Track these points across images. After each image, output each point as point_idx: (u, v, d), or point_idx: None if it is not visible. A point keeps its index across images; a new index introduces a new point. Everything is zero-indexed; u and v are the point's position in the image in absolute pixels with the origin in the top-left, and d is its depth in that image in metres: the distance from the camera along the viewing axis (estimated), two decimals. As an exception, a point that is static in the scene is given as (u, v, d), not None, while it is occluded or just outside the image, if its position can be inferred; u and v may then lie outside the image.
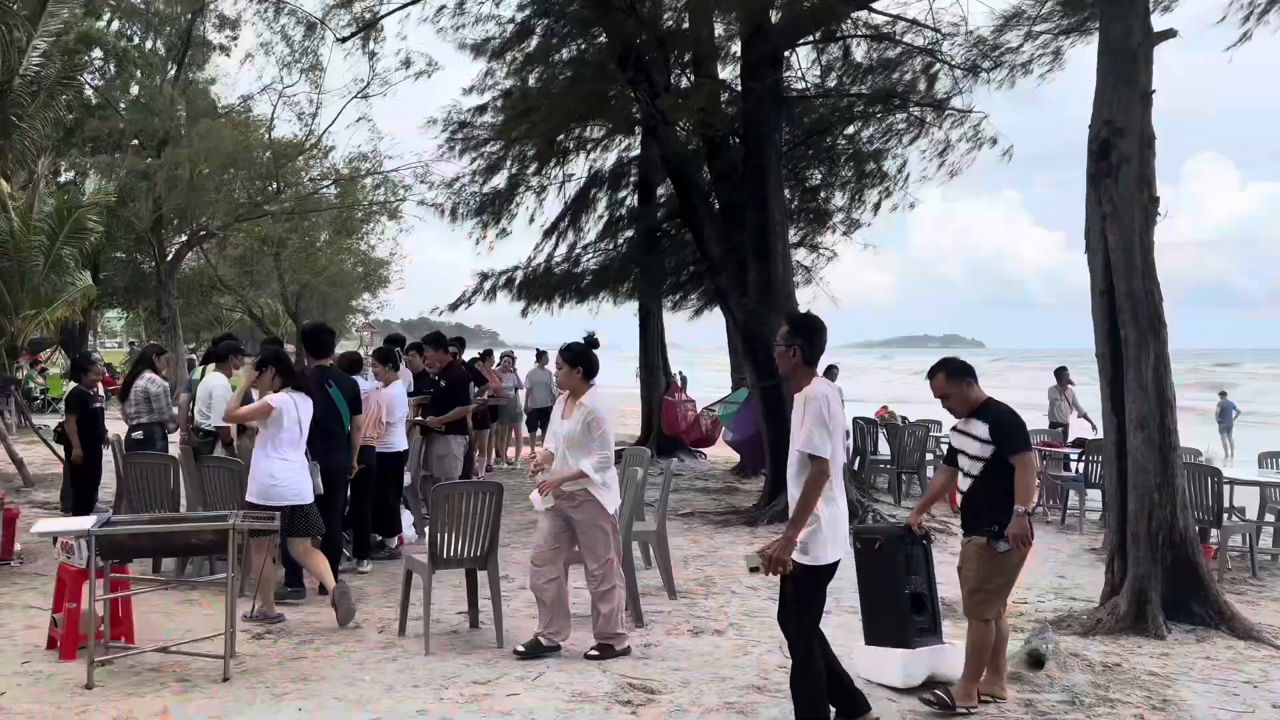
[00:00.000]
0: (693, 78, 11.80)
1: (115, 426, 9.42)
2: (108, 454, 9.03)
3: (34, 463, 12.39)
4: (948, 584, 5.60)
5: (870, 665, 5.24)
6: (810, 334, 4.34)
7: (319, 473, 6.70)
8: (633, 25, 10.50)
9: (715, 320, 15.66)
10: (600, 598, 5.62)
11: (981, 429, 4.87)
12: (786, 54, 11.34)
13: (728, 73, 12.61)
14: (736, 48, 12.37)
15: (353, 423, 7.29)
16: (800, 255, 13.80)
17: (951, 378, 5.00)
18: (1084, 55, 8.46)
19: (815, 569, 4.21)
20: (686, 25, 11.21)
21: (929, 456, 12.42)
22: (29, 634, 5.89)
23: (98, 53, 24.29)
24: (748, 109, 10.83)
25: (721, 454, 15.74)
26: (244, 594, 6.11)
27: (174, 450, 8.59)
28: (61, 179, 23.95)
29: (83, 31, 20.71)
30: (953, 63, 11.05)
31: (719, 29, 11.50)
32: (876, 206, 13.43)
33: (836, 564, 4.30)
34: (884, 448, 13.41)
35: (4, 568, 7.58)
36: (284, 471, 6.17)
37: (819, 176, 13.66)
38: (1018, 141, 12.20)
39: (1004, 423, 4.86)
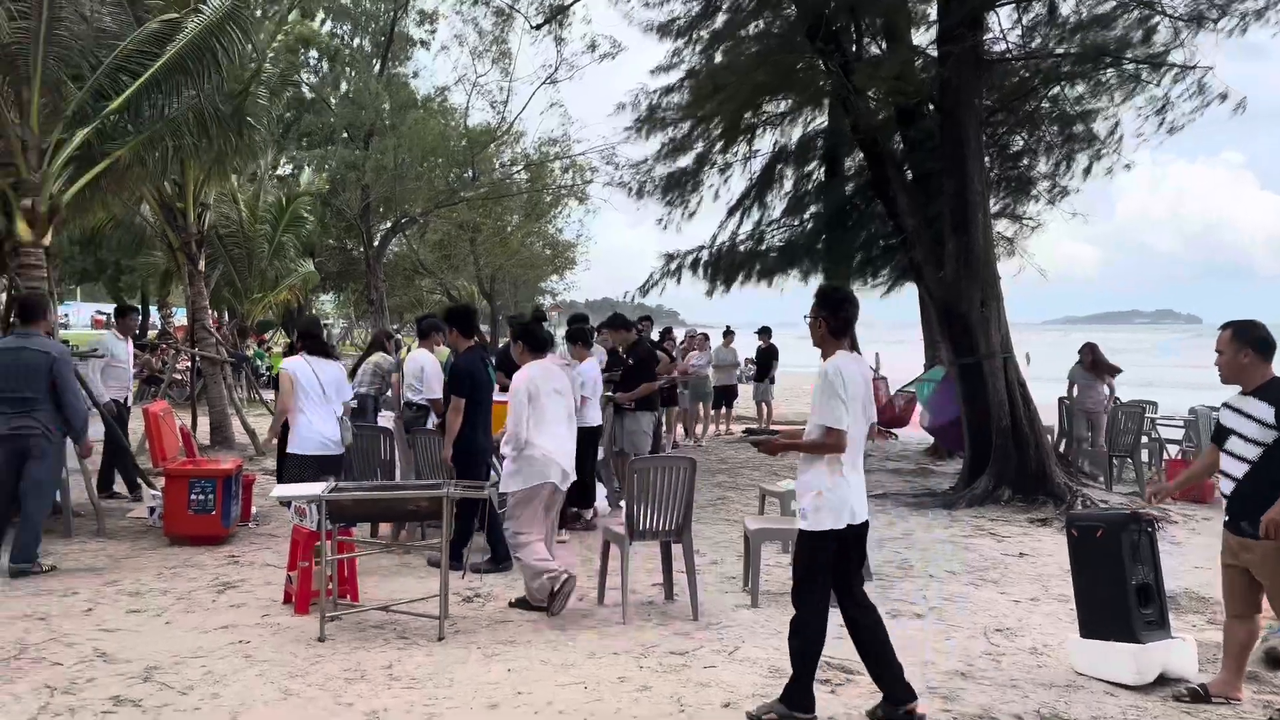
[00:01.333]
0: (885, 45, 11.40)
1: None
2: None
3: (262, 433, 13.51)
4: (1174, 574, 5.22)
5: (1091, 660, 4.94)
6: (834, 306, 4.42)
7: None
8: (822, -6, 10.25)
9: (899, 296, 15.20)
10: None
11: (1263, 410, 4.39)
12: (986, 15, 10.76)
13: (921, 38, 12.12)
14: (931, 12, 11.86)
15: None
16: (1001, 226, 13.07)
17: (1234, 340, 4.55)
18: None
19: (812, 534, 4.31)
20: (878, -8, 10.82)
21: (1144, 439, 11.63)
22: (267, 589, 6.44)
23: (313, 53, 26.05)
24: (944, 74, 10.36)
25: (914, 435, 15.26)
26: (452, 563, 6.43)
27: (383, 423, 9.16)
28: (280, 172, 25.89)
29: (300, 33, 22.26)
30: (1174, 13, 10.17)
31: (913, -7, 11.06)
32: (1086, 171, 12.54)
33: (837, 533, 4.30)
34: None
35: (244, 529, 8.32)
36: None
37: (1021, 142, 12.90)
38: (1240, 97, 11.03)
39: None
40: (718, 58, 12.90)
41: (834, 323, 4.41)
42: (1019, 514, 9.44)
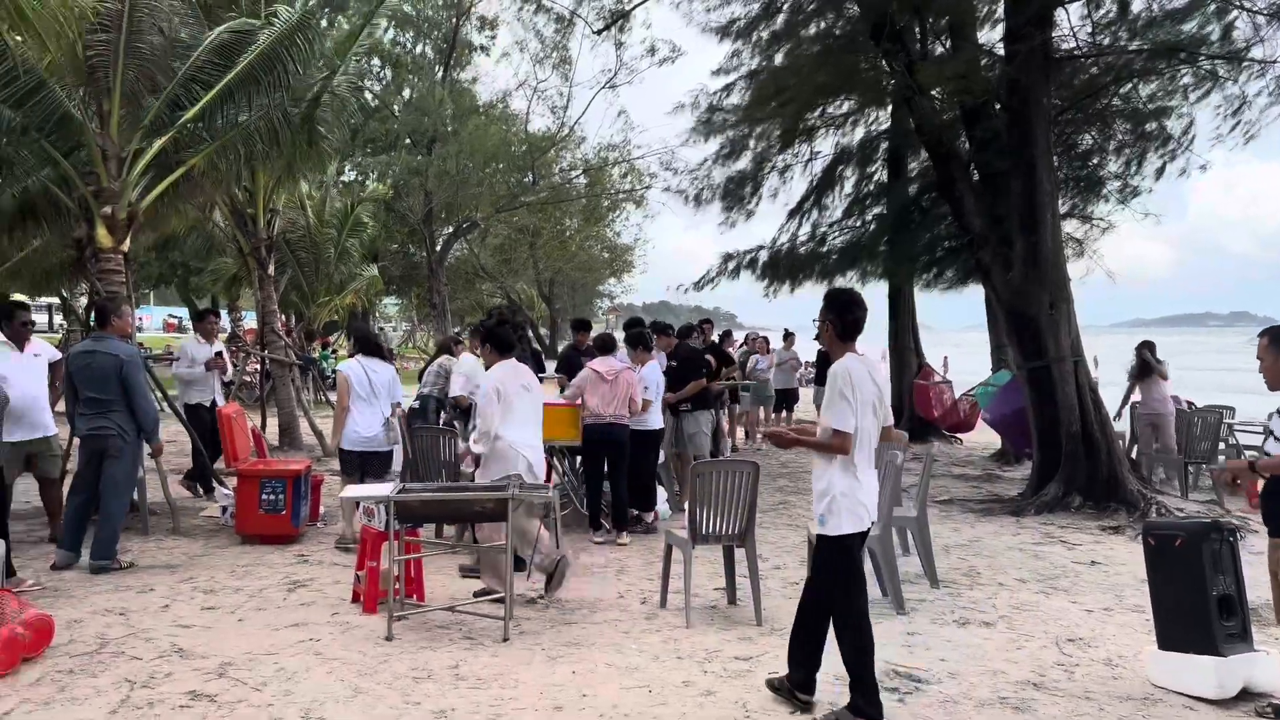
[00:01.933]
0: (950, 44, 11.23)
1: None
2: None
3: (329, 433, 13.75)
4: (1256, 585, 5.06)
5: (1170, 672, 4.80)
6: (841, 309, 4.45)
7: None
8: (886, -7, 10.13)
9: (962, 298, 14.95)
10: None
11: None
12: (1054, 12, 10.54)
13: (987, 36, 11.91)
14: (998, 10, 11.65)
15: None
16: (1070, 226, 12.78)
17: (1272, 346, 4.58)
18: None
19: (832, 539, 4.35)
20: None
21: (1221, 445, 11.27)
22: (335, 589, 6.55)
23: (376, 60, 26.52)
24: (1012, 73, 10.17)
25: (980, 440, 15.00)
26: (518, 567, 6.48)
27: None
28: (345, 179, 26.39)
29: (365, 43, 22.61)
30: (1254, 8, 9.84)
31: (980, -9, 10.87)
32: (1159, 171, 12.21)
33: (857, 536, 4.36)
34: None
35: (312, 529, 8.48)
36: None
37: (1090, 141, 12.61)
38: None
39: None
40: (778, 59, 12.84)
41: (842, 325, 4.45)
42: (1090, 521, 9.21)
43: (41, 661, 4.99)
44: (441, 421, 9.43)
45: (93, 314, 7.98)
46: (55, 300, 26.54)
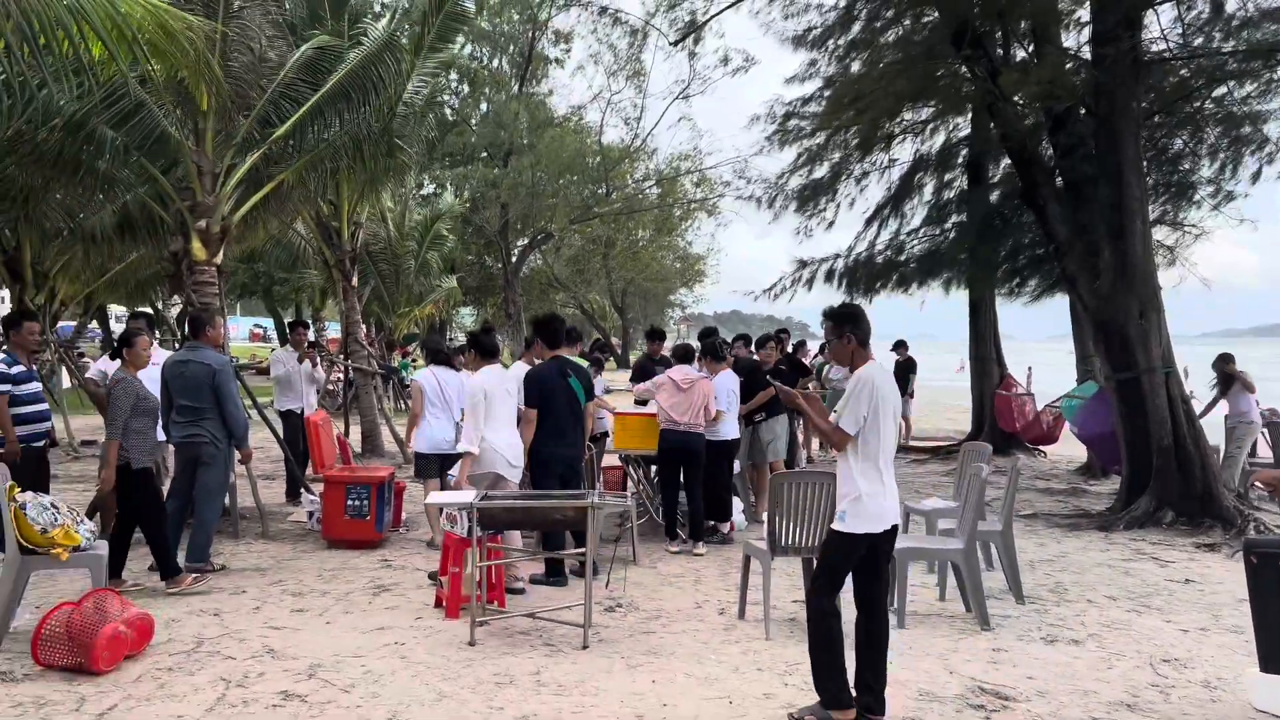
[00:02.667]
0: (1033, 49, 11.00)
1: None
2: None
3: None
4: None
5: (1273, 696, 4.60)
6: (855, 322, 4.60)
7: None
8: (967, -1, 9.98)
9: (1045, 308, 14.58)
10: None
11: None
12: (1143, 15, 10.26)
13: (1072, 40, 11.64)
14: (1083, 13, 11.38)
15: (585, 409, 7.41)
16: (1160, 234, 12.39)
17: None
18: None
19: (845, 535, 4.45)
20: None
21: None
22: (418, 593, 6.68)
23: (454, 75, 27.05)
24: (1099, 77, 9.92)
25: (1064, 453, 14.61)
26: (597, 572, 6.53)
27: None
28: (424, 191, 26.94)
29: (442, 58, 23.07)
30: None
31: (1065, -6, 10.63)
32: (1255, 175, 11.76)
33: (870, 537, 4.41)
34: (1263, 449, 11.81)
35: (395, 534, 8.66)
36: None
37: (1182, 145, 12.21)
38: None
39: None
40: (854, 67, 12.73)
41: (861, 335, 4.59)
42: (1183, 538, 8.90)
43: (143, 659, 5.19)
44: None
45: (186, 324, 8.27)
46: (149, 311, 27.61)
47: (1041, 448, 14.95)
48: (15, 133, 8.30)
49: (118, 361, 7.80)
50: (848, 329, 4.59)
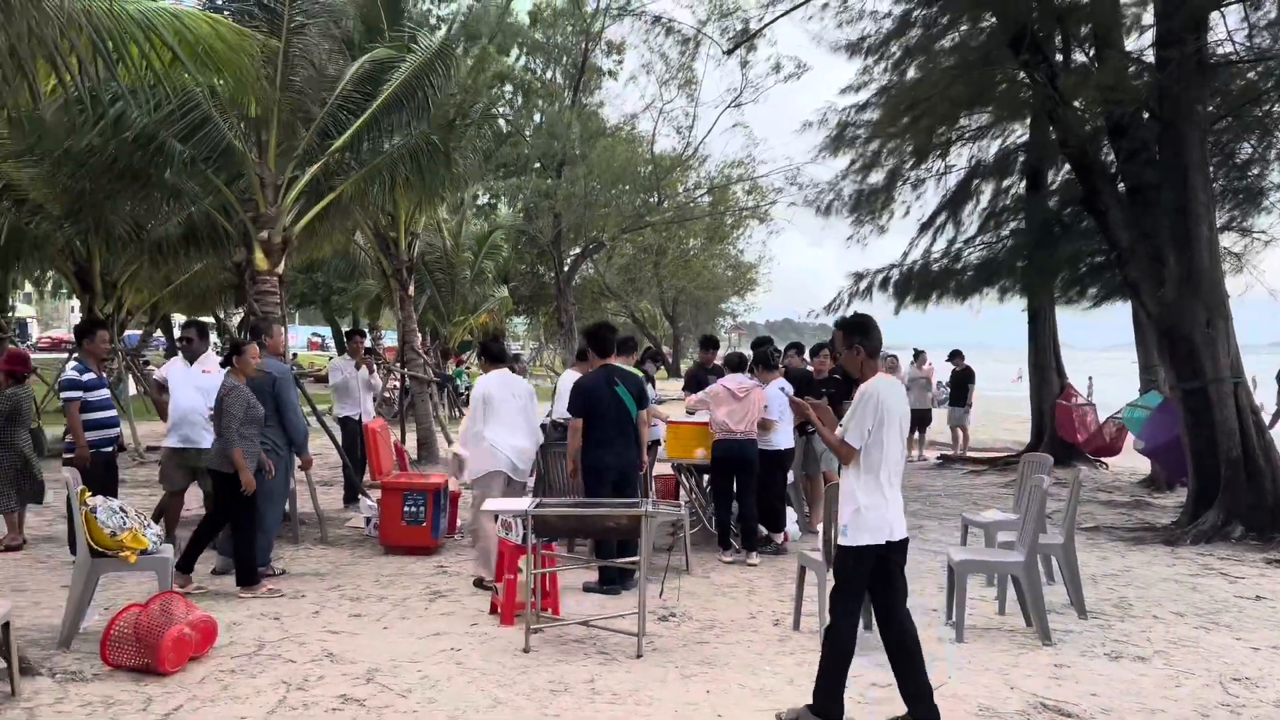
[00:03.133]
0: (1094, 53, 10.80)
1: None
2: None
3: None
4: None
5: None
6: (866, 332, 4.55)
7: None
8: (1025, 3, 9.82)
9: (1106, 317, 14.29)
10: None
11: None
12: (1209, 16, 10.01)
13: (1134, 43, 11.40)
14: (1146, 16, 11.15)
15: (639, 417, 7.32)
16: (1228, 240, 12.06)
17: None
18: None
19: (848, 549, 4.45)
20: (1088, -1, 10.27)
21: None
22: (474, 600, 6.73)
23: (508, 87, 27.33)
24: (1163, 81, 9.70)
25: (1127, 465, 14.28)
26: (650, 578, 6.52)
27: None
28: (479, 202, 27.23)
29: (498, 70, 23.38)
30: None
31: (1127, -3, 10.43)
32: (1329, 180, 11.42)
33: (876, 549, 4.40)
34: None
35: (450, 541, 8.74)
36: None
37: (1250, 150, 11.89)
38: None
39: None
40: (910, 73, 12.61)
41: (870, 346, 4.54)
42: (1253, 553, 8.64)
43: (206, 661, 5.30)
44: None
45: (247, 333, 8.47)
46: (210, 319, 28.27)
47: (1103, 459, 14.62)
48: (89, 145, 8.57)
49: (178, 365, 8.06)
50: (857, 339, 4.54)
